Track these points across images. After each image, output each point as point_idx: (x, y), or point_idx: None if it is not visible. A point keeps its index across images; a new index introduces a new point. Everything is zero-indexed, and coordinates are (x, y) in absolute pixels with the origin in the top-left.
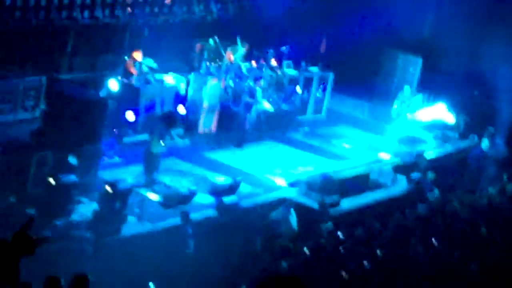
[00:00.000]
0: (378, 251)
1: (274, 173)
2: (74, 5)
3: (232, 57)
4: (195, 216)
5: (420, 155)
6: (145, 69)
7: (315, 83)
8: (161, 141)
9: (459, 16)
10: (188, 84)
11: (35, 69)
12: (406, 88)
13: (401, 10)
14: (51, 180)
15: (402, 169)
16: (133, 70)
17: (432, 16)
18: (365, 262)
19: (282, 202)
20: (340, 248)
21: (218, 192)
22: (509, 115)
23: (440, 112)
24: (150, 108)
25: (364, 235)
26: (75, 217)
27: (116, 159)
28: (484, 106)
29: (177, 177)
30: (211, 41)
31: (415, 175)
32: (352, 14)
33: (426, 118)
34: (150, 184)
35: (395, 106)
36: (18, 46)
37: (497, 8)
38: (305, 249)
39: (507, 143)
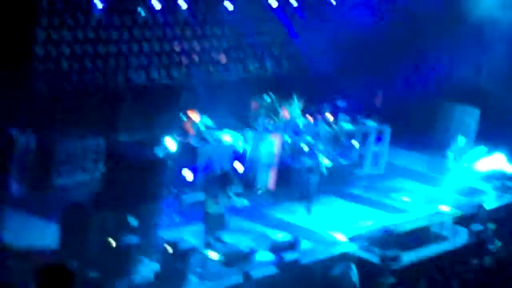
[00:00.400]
0: None
1: (334, 229)
2: (130, 67)
3: (288, 113)
4: (256, 273)
5: (480, 206)
6: (202, 127)
7: (372, 137)
8: (216, 201)
9: None
10: (245, 141)
11: (93, 131)
12: (460, 138)
13: (455, 61)
14: (112, 242)
15: (462, 221)
16: (190, 130)
17: (486, 65)
18: None
19: (343, 258)
20: None
21: (278, 249)
22: None
23: (499, 162)
24: (208, 166)
25: None
26: (136, 278)
27: (176, 218)
28: None
29: (237, 235)
30: (266, 97)
31: (476, 226)
32: (406, 66)
33: (485, 169)
34: (210, 243)
35: (449, 157)
36: (76, 108)
37: None
38: None
39: None
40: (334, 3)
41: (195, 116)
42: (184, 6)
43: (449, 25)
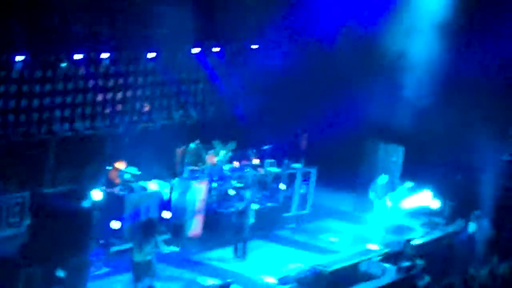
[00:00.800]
0: None
1: (264, 272)
2: (53, 119)
3: (214, 160)
4: None
5: (408, 243)
6: (127, 176)
7: (298, 179)
8: (141, 249)
9: (439, 105)
10: (172, 189)
11: (17, 185)
12: (382, 176)
13: (379, 101)
14: None
15: (391, 258)
16: (116, 179)
17: (411, 105)
18: None
19: None
20: None
21: None
22: (492, 197)
23: (425, 199)
24: (135, 216)
25: None
26: None
27: (104, 269)
28: (468, 190)
29: (167, 282)
30: (192, 144)
31: (405, 263)
32: (330, 108)
33: (412, 206)
34: None
35: (370, 195)
36: (0, 162)
37: (478, 94)
38: None
39: (494, 225)
40: (256, 47)
41: (120, 165)
42: (105, 56)
43: (365, 65)
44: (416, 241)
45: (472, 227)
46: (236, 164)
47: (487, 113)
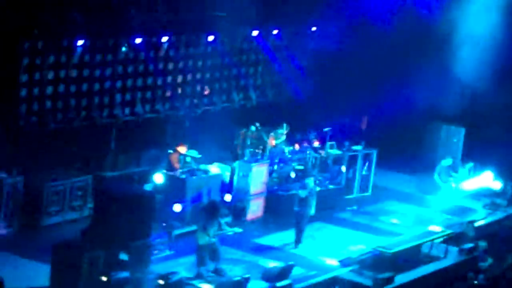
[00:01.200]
0: None
1: (326, 254)
2: (115, 103)
3: (274, 142)
4: None
5: (470, 225)
6: (189, 160)
7: (359, 161)
8: (206, 232)
9: (496, 84)
10: (233, 172)
11: (80, 169)
12: (446, 159)
13: (439, 82)
14: (104, 278)
15: (453, 240)
16: (176, 164)
17: (471, 85)
18: None
19: (336, 283)
20: None
21: (271, 277)
22: None
23: (487, 180)
24: (197, 199)
25: None
26: None
27: (167, 252)
28: None
29: (229, 265)
30: (252, 127)
31: (467, 245)
32: (390, 89)
33: (474, 187)
34: (202, 275)
35: (436, 177)
36: (62, 147)
37: None
38: None
39: None
40: (314, 29)
41: (182, 149)
42: (165, 40)
43: (431, 48)
44: (478, 223)
45: None
46: (296, 146)
47: None
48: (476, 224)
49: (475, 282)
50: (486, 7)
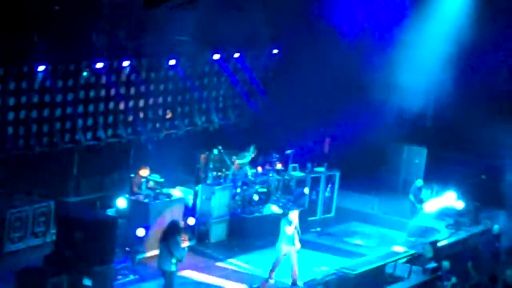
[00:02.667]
0: None
1: (290, 276)
2: (77, 128)
3: (237, 165)
4: None
5: (434, 245)
6: (152, 184)
7: (322, 183)
8: (173, 257)
9: (460, 104)
10: (196, 195)
11: (42, 195)
12: (418, 180)
13: (401, 103)
14: None
15: (417, 260)
16: (135, 188)
17: (432, 106)
18: None
19: None
20: None
21: None
22: None
23: (450, 200)
24: (160, 223)
25: None
26: None
27: (131, 277)
28: (493, 190)
29: None
30: (215, 151)
31: (430, 265)
32: (353, 111)
33: (436, 208)
34: None
35: (410, 199)
36: (24, 173)
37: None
38: None
39: None
40: (276, 51)
41: (144, 172)
42: (126, 64)
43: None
44: (442, 243)
45: (496, 228)
46: (259, 169)
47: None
48: (439, 244)
49: None
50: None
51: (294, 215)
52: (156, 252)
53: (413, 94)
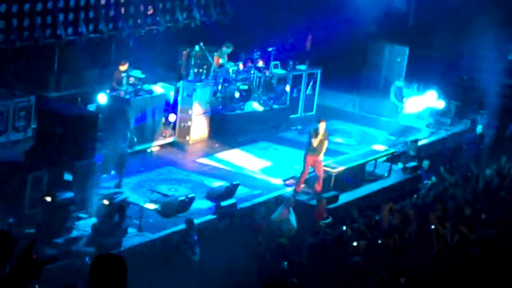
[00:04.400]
0: (379, 241)
1: (271, 173)
2: (57, 23)
3: (219, 62)
4: (197, 222)
5: (413, 144)
6: (133, 80)
7: (304, 81)
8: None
9: (442, 3)
10: (177, 92)
11: (23, 89)
12: (400, 80)
13: (383, 1)
14: (48, 199)
15: (397, 159)
16: (122, 83)
17: (414, 4)
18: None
19: (281, 202)
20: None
21: (215, 196)
22: (497, 96)
23: (431, 99)
24: (141, 119)
25: (364, 227)
26: (75, 233)
27: (112, 172)
28: (473, 90)
29: (174, 185)
30: (197, 47)
31: (410, 164)
32: (335, 9)
33: (417, 107)
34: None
35: (391, 98)
36: (4, 68)
37: None
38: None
39: (499, 125)
40: None
41: (123, 68)
42: None
43: None
44: (421, 142)
45: (479, 128)
46: (241, 66)
47: (493, 11)
48: (419, 143)
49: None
50: None
51: (321, 126)
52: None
53: None
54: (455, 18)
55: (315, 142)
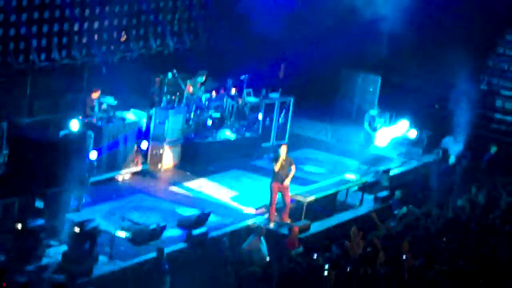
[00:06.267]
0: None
1: (242, 202)
2: (30, 48)
3: (191, 89)
4: (167, 250)
5: (385, 174)
6: (105, 107)
7: (276, 109)
8: None
9: (413, 32)
10: (149, 119)
11: None
12: (374, 109)
13: (357, 31)
14: (19, 226)
15: (368, 188)
16: (88, 111)
17: (387, 34)
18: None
19: (252, 231)
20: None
21: (187, 225)
22: (469, 126)
23: (403, 129)
24: (113, 146)
25: (335, 256)
26: (45, 260)
27: (83, 199)
28: (445, 119)
29: (146, 213)
30: (169, 74)
31: (382, 193)
32: (308, 38)
33: (390, 137)
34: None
35: (365, 127)
36: None
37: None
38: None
39: (471, 154)
40: None
41: (95, 95)
42: None
43: None
44: (394, 171)
45: (452, 158)
46: (214, 94)
47: (464, 41)
48: (391, 173)
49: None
50: None
51: (282, 150)
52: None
53: (368, 21)
54: (427, 47)
55: (276, 167)
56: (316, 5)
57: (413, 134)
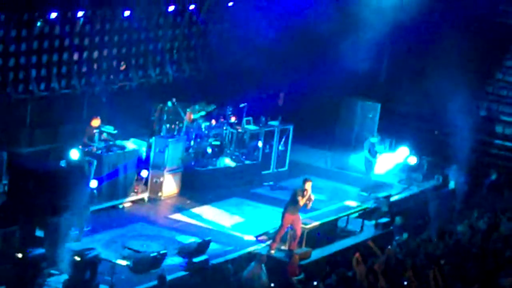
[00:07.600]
0: None
1: (243, 230)
2: (30, 78)
3: (191, 118)
4: (168, 278)
5: (384, 200)
6: (105, 135)
7: (276, 137)
8: None
9: (412, 59)
10: (149, 147)
11: None
12: (375, 136)
13: (356, 58)
14: (19, 255)
15: (369, 215)
16: (87, 140)
17: (386, 61)
18: None
19: (253, 258)
20: None
21: (187, 253)
22: (469, 152)
23: (403, 155)
24: (113, 174)
25: (336, 283)
26: None
27: (83, 228)
28: (445, 146)
29: (146, 241)
30: (169, 103)
31: (383, 219)
32: (307, 66)
33: (390, 163)
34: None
35: (365, 154)
36: None
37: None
38: None
39: (471, 180)
40: (232, 4)
41: (95, 123)
42: (80, 15)
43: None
44: (394, 198)
45: (451, 184)
46: (213, 122)
47: (463, 67)
48: (391, 199)
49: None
50: None
51: (308, 185)
52: (109, 203)
53: (367, 49)
54: (426, 74)
55: (301, 201)
56: (312, 33)
57: (413, 160)
